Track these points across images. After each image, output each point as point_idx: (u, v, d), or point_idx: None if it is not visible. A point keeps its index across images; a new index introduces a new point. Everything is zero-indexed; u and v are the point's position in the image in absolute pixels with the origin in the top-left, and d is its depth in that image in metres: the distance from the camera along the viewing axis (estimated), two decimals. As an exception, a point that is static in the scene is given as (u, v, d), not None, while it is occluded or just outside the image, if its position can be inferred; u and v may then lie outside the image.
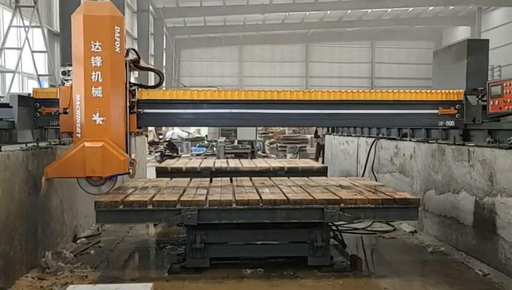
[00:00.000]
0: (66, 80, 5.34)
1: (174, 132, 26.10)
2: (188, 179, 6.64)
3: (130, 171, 5.24)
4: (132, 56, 5.38)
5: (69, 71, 5.27)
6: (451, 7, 34.07)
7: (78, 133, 5.10)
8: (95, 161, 5.03)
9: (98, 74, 5.06)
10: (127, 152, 5.23)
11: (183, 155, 20.83)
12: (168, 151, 20.55)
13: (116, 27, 5.09)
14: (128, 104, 5.30)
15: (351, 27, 39.65)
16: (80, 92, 5.08)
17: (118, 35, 5.10)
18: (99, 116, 5.09)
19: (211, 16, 34.48)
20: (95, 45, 5.04)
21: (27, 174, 5.18)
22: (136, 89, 5.49)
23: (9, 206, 4.76)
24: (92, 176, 5.13)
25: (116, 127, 5.18)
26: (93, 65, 5.05)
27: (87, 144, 5.04)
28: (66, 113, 5.26)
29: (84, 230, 7.02)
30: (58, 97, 5.38)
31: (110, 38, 5.06)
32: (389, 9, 35.24)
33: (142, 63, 5.74)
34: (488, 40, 7.13)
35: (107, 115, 5.11)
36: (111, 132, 5.13)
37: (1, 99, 11.58)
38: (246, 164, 8.86)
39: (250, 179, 6.62)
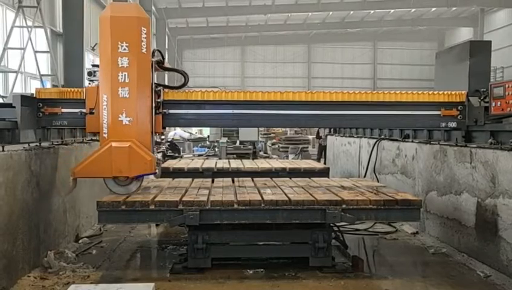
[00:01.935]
0: (92, 81, 5.39)
1: (176, 132, 26.08)
2: (190, 179, 6.64)
3: (156, 171, 5.25)
4: (157, 57, 5.41)
5: (94, 72, 5.31)
6: (453, 8, 33.99)
7: (104, 133, 5.15)
8: (122, 161, 5.08)
9: (125, 75, 5.12)
10: (152, 152, 5.26)
11: (185, 156, 20.83)
12: (170, 151, 20.54)
13: (142, 28, 5.14)
14: (153, 105, 5.33)
15: (353, 28, 39.60)
16: (106, 92, 5.13)
17: (145, 36, 5.15)
18: (125, 117, 5.15)
19: (213, 16, 34.45)
20: (122, 46, 5.09)
21: (30, 174, 5.19)
22: (162, 90, 5.53)
23: (12, 206, 4.78)
24: (118, 176, 5.16)
25: (142, 127, 5.23)
26: (120, 66, 5.10)
27: (114, 144, 5.09)
28: (92, 113, 5.32)
29: (86, 230, 7.03)
30: (84, 98, 5.44)
31: (136, 39, 5.11)
32: (392, 10, 35.19)
33: (166, 64, 5.77)
34: (490, 42, 7.13)
35: (134, 115, 5.16)
36: (137, 132, 5.17)
37: (4, 99, 11.63)
38: (248, 164, 8.87)
39: (252, 180, 6.62)
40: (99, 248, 6.33)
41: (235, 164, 8.97)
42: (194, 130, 28.56)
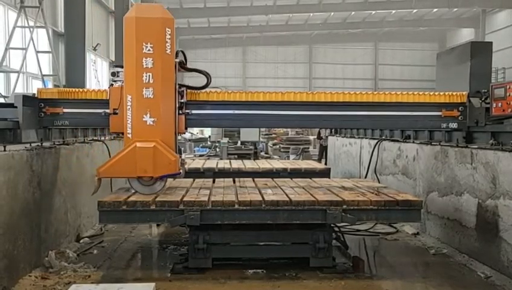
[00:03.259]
0: (115, 81, 5.40)
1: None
2: (191, 179, 6.65)
3: (181, 171, 5.27)
4: (180, 57, 5.44)
5: (118, 72, 5.34)
6: (455, 9, 33.95)
7: (128, 133, 5.17)
8: (146, 161, 5.11)
9: (149, 75, 5.14)
10: (175, 152, 5.28)
11: (186, 156, 20.84)
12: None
13: (167, 29, 5.15)
14: (177, 105, 5.35)
15: (354, 29, 39.57)
16: (131, 93, 5.15)
17: (169, 37, 5.16)
18: (150, 117, 5.16)
19: (214, 17, 34.44)
20: (146, 47, 5.11)
21: (31, 174, 5.20)
22: (185, 90, 5.55)
23: (13, 205, 4.79)
24: (143, 176, 5.17)
25: (166, 127, 5.25)
26: (145, 66, 5.12)
27: (139, 144, 5.11)
28: (116, 113, 5.34)
29: (87, 230, 7.04)
30: (108, 98, 5.47)
31: (161, 40, 5.13)
32: (393, 11, 35.16)
33: (188, 65, 5.79)
34: (491, 43, 7.15)
35: (158, 115, 5.18)
36: (161, 133, 5.20)
37: (6, 99, 11.64)
38: (249, 164, 8.87)
39: (253, 180, 6.62)
40: (100, 247, 6.33)
41: (236, 164, 8.98)
42: (196, 130, 28.57)
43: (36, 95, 5.79)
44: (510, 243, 5.00)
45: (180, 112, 5.48)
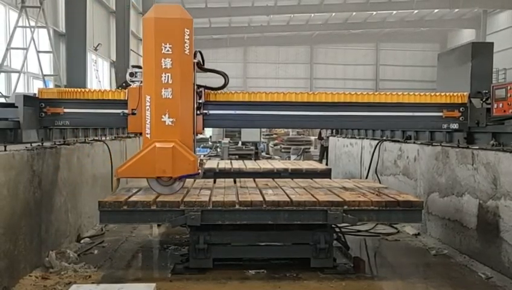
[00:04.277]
0: (133, 81, 5.40)
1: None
2: (192, 179, 6.63)
3: (200, 171, 5.28)
4: (198, 58, 5.44)
5: (136, 72, 5.34)
6: (456, 10, 33.96)
7: (147, 134, 5.18)
8: (165, 162, 5.10)
9: (168, 76, 5.14)
10: (193, 153, 5.29)
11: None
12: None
13: (186, 29, 5.14)
14: (195, 105, 5.36)
15: (355, 29, 39.56)
16: (150, 93, 5.15)
17: (188, 37, 5.15)
18: (168, 117, 5.16)
19: (216, 17, 34.46)
20: (165, 47, 5.11)
21: (32, 173, 5.20)
22: (203, 91, 5.56)
23: (14, 205, 4.79)
24: (162, 176, 5.18)
25: (185, 128, 5.25)
26: (164, 67, 5.12)
27: (158, 144, 5.11)
28: (134, 114, 5.36)
29: (88, 230, 7.04)
30: (126, 98, 5.47)
31: (180, 41, 5.12)
32: (394, 12, 35.16)
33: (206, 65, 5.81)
34: (492, 44, 7.14)
35: (176, 116, 5.18)
36: (180, 133, 5.20)
37: (7, 99, 11.65)
38: (250, 165, 8.88)
39: (254, 180, 6.62)
40: (100, 248, 6.33)
41: (237, 164, 8.99)
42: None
43: (37, 95, 5.80)
44: (511, 244, 4.99)
45: (198, 112, 5.49)
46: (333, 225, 5.52)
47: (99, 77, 21.79)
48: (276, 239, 5.44)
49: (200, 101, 5.51)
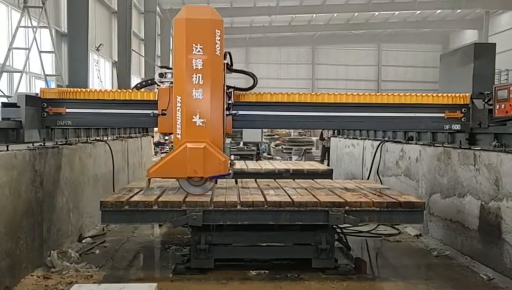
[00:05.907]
0: (162, 82, 5.41)
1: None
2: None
3: (230, 171, 5.29)
4: (227, 59, 5.46)
5: (165, 73, 5.35)
6: (458, 10, 33.96)
7: (178, 134, 5.19)
8: (197, 162, 5.12)
9: (199, 76, 5.16)
10: (224, 153, 5.31)
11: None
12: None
13: (216, 30, 5.16)
14: (225, 106, 5.38)
15: (357, 30, 39.57)
16: (180, 94, 5.16)
17: (218, 38, 5.18)
18: (199, 118, 5.18)
19: (217, 17, 34.52)
20: (196, 48, 5.12)
21: (34, 173, 5.21)
22: (232, 91, 5.59)
23: (16, 205, 4.80)
24: (193, 176, 5.19)
25: (215, 128, 5.26)
26: (195, 67, 5.13)
27: (189, 145, 5.12)
28: (164, 114, 5.37)
29: (89, 230, 7.04)
30: (156, 99, 5.49)
31: (211, 42, 5.14)
32: (397, 12, 35.18)
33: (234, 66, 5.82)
34: (494, 44, 7.13)
35: (207, 116, 5.20)
36: (210, 133, 5.21)
37: (9, 99, 11.66)
38: (251, 165, 8.89)
39: (255, 181, 6.62)
40: (102, 247, 6.34)
41: (239, 165, 8.98)
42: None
43: (39, 95, 5.80)
44: (513, 245, 4.99)
45: (228, 112, 5.50)
46: (335, 226, 5.52)
47: (101, 77, 21.80)
48: (278, 240, 5.44)
49: (230, 101, 5.52)
